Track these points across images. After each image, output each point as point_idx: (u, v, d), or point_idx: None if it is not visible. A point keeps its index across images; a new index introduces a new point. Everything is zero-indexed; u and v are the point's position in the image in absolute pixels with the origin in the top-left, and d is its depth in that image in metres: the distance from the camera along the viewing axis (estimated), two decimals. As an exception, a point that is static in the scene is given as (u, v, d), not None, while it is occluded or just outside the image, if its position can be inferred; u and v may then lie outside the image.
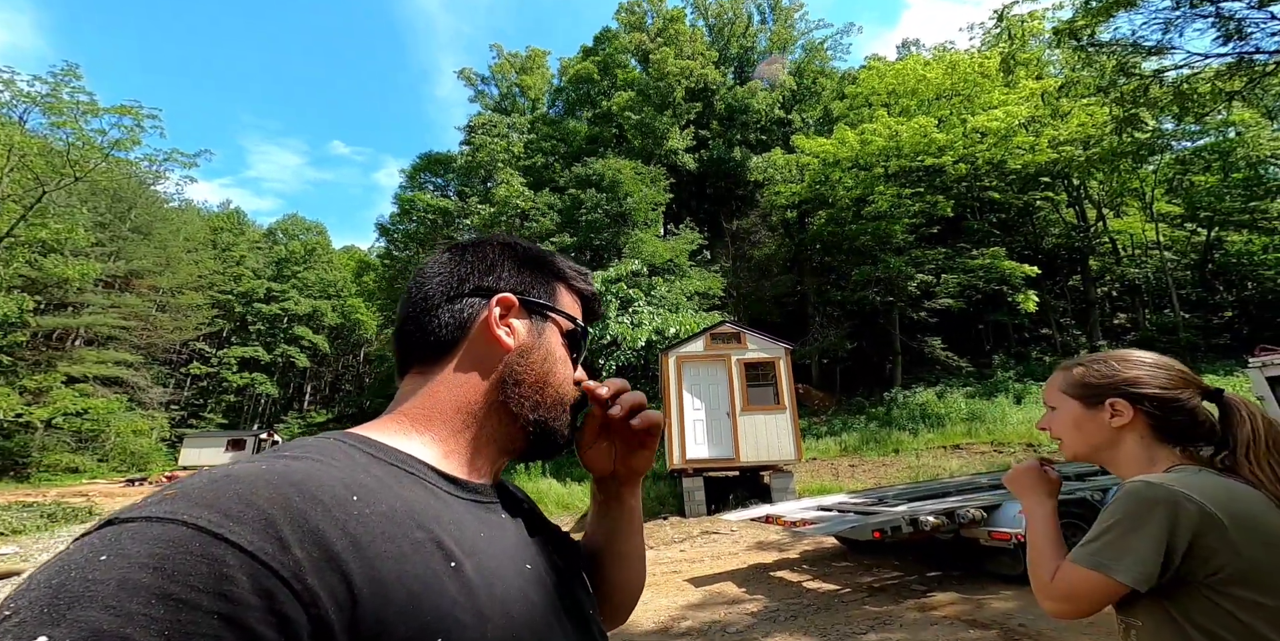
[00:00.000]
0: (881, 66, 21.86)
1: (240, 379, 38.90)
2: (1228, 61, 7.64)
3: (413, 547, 0.36)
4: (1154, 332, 17.03)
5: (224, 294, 40.25)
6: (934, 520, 3.61)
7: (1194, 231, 19.77)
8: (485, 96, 31.64)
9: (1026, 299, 15.27)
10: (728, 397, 8.74)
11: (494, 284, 0.52)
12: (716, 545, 6.00)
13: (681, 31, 24.39)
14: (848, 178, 17.58)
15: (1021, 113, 15.25)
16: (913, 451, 10.62)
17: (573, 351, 0.55)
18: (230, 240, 43.17)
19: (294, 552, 0.31)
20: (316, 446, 0.41)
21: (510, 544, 0.46)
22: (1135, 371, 0.89)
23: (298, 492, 0.34)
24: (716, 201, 24.80)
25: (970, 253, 16.89)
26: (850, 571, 4.47)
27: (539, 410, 0.51)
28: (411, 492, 0.41)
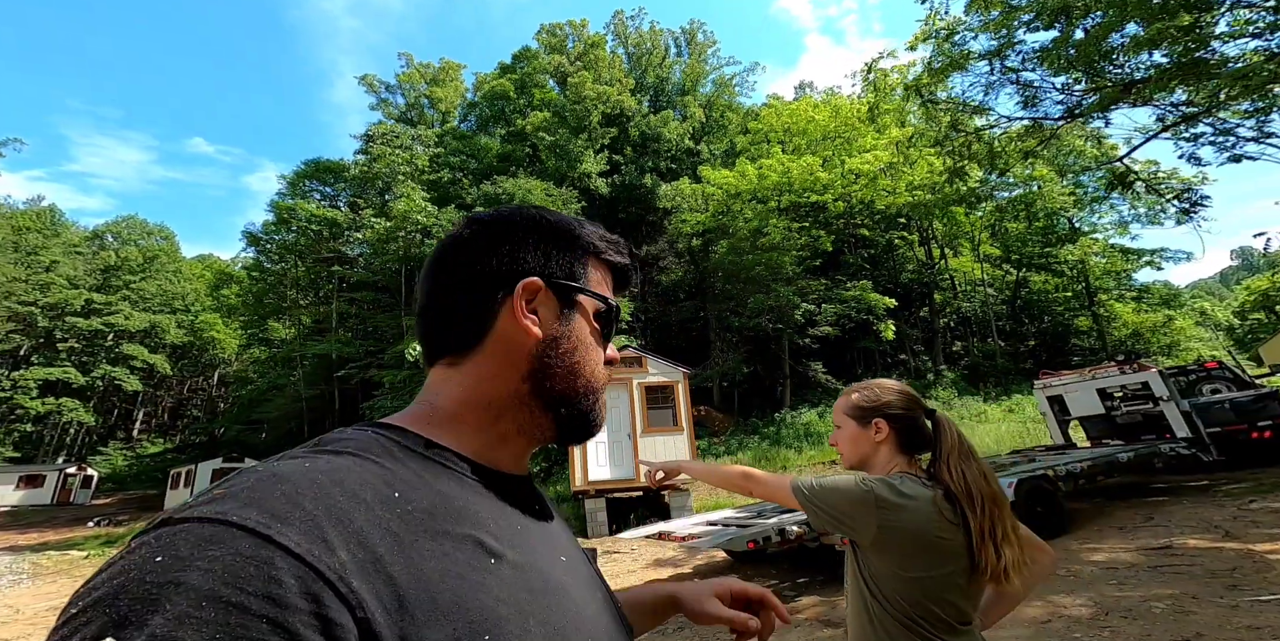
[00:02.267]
0: (779, 105, 23.90)
1: (41, 406, 31.63)
2: (1025, 124, 9.49)
3: (455, 545, 0.36)
4: (980, 358, 20.12)
5: (25, 305, 32.77)
6: (798, 529, 4.08)
7: (1008, 271, 23.70)
8: (389, 105, 30.00)
9: (887, 328, 17.53)
10: (629, 420, 8.99)
11: (519, 267, 0.49)
12: (617, 564, 6.10)
13: (601, 57, 24.96)
14: (747, 209, 18.88)
15: (884, 158, 17.34)
16: (797, 467, 11.65)
17: (604, 331, 0.52)
18: (39, 242, 35.45)
19: (339, 554, 0.30)
20: (355, 440, 0.40)
21: (545, 536, 0.45)
22: (889, 396, 1.18)
23: (342, 491, 0.33)
24: (628, 226, 25.35)
25: (845, 284, 18.98)
26: (734, 582, 4.84)
27: (571, 400, 0.48)
28: (449, 487, 0.40)
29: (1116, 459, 5.75)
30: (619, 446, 8.87)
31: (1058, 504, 5.10)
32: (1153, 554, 4.10)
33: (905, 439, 1.16)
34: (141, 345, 35.61)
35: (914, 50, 9.40)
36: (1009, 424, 12.62)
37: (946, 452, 1.09)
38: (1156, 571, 3.68)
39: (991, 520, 1.02)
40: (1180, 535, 4.48)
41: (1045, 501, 5.03)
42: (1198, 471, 6.92)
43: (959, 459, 1.09)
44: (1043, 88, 8.86)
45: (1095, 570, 3.86)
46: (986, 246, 22.98)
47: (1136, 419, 7.41)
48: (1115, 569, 3.84)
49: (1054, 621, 3.01)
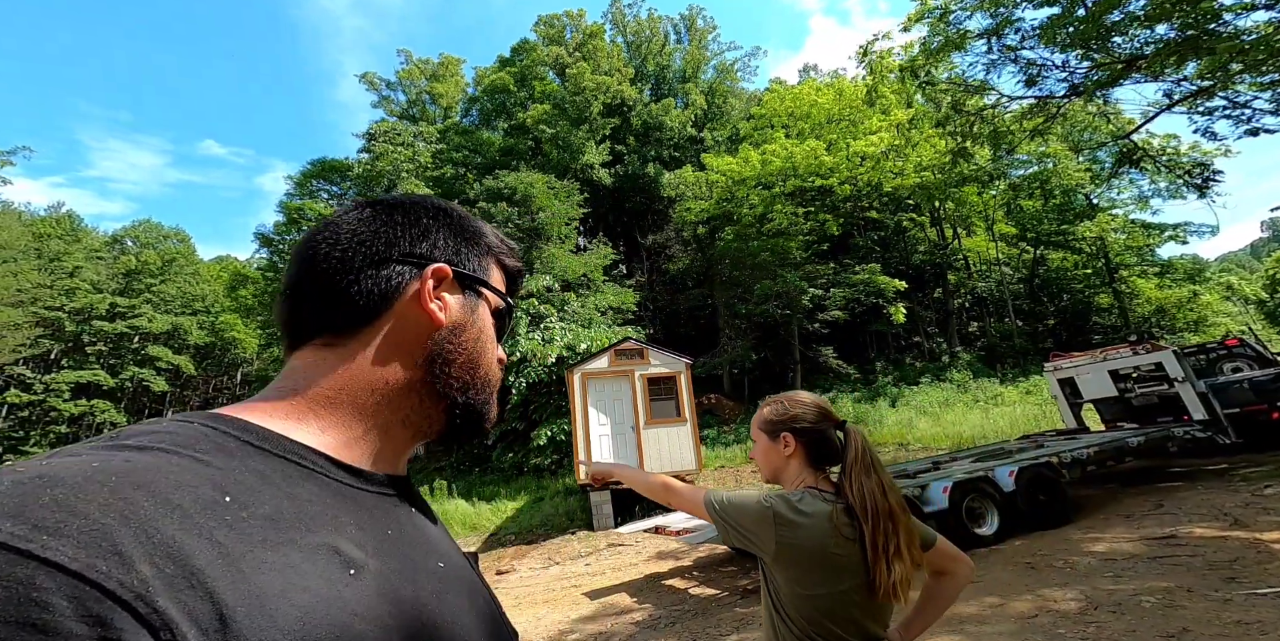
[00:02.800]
0: (782, 90, 23.38)
1: (74, 408, 32.93)
2: (1030, 102, 9.21)
3: (304, 555, 0.32)
4: (997, 339, 19.82)
5: (52, 310, 33.92)
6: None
7: (1024, 250, 23.11)
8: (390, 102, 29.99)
9: (897, 311, 17.26)
10: (632, 412, 9.04)
11: (428, 252, 0.47)
12: (620, 557, 6.20)
13: (600, 47, 24.60)
14: (752, 195, 18.63)
15: (888, 140, 17.03)
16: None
17: (500, 329, 0.53)
18: (61, 248, 36.50)
19: (139, 569, 0.25)
20: (173, 433, 0.34)
21: (418, 542, 0.42)
22: (797, 409, 1.17)
23: (146, 495, 0.28)
24: (633, 216, 25.27)
25: (854, 268, 18.72)
26: (732, 575, 4.88)
27: (469, 392, 0.47)
28: (304, 489, 0.36)
29: (1126, 443, 5.62)
30: (623, 439, 8.94)
31: (1061, 492, 5.00)
32: (1155, 544, 4.01)
33: (813, 452, 1.15)
34: (166, 347, 36.75)
35: (908, 32, 9.06)
36: (1025, 406, 12.38)
37: (850, 466, 1.09)
38: (1155, 562, 3.60)
39: (885, 534, 1.02)
40: (1187, 523, 4.37)
41: (1048, 490, 4.94)
42: (1217, 455, 6.71)
43: (860, 472, 1.08)
44: (1045, 66, 8.51)
45: (1093, 561, 3.80)
46: (1001, 225, 22.39)
47: (1152, 401, 7.21)
48: (1114, 560, 3.77)
49: (1040, 616, 2.98)
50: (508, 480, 13.21)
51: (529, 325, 14.27)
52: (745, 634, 3.37)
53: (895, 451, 10.85)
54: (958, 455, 6.51)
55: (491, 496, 11.58)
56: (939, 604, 1.16)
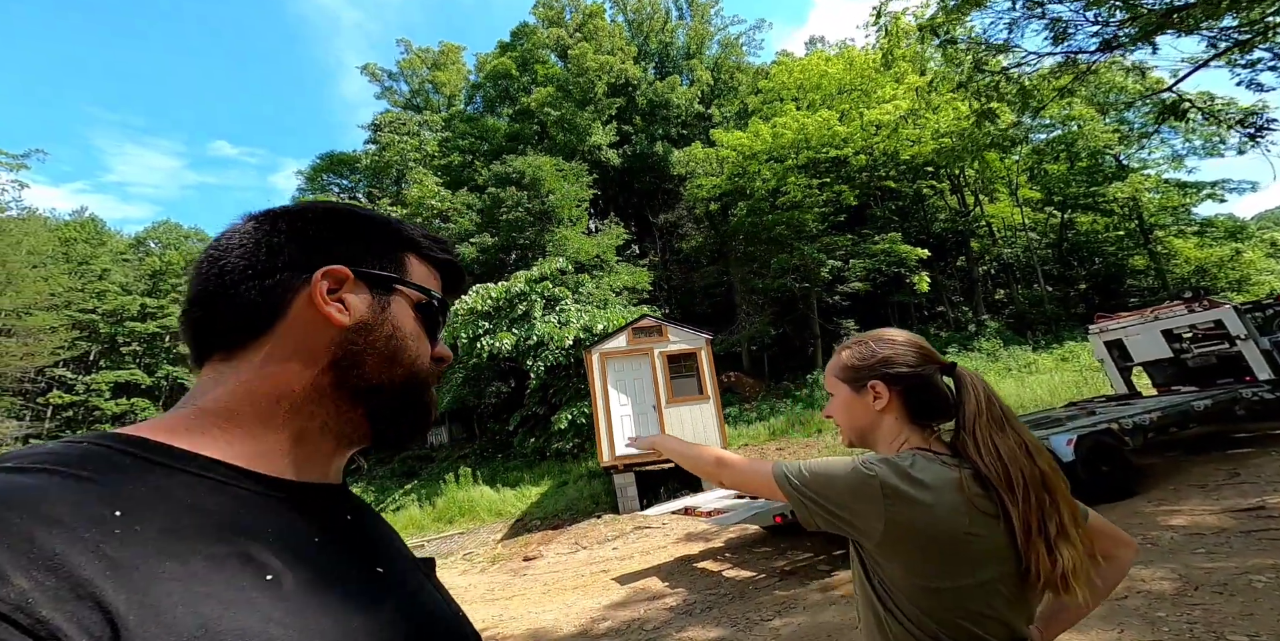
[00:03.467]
0: (790, 62, 22.78)
1: (115, 406, 34.20)
2: (1058, 60, 8.68)
3: (208, 564, 0.31)
4: (1025, 306, 19.30)
5: (85, 313, 35.07)
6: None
7: (1051, 214, 22.42)
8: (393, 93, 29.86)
9: (921, 280, 16.78)
10: (653, 391, 8.83)
11: (318, 255, 0.45)
12: (648, 540, 6.06)
13: (601, 27, 24.12)
14: (764, 169, 18.23)
15: (905, 106, 16.39)
16: (832, 431, 11.29)
17: (429, 326, 0.51)
18: (87, 252, 37.57)
19: (15, 582, 0.25)
20: (57, 453, 0.32)
21: (353, 549, 0.41)
22: (888, 350, 0.91)
23: (20, 514, 0.28)
24: (643, 196, 24.94)
25: (874, 238, 18.20)
26: (767, 556, 4.68)
27: (387, 392, 0.45)
28: (210, 501, 0.35)
29: (1191, 408, 5.20)
30: (644, 418, 8.75)
31: (1124, 461, 4.64)
32: (1243, 516, 3.66)
33: (915, 404, 0.89)
34: (195, 345, 37.80)
35: None
36: (1063, 373, 11.86)
37: (971, 420, 0.83)
38: (1251, 537, 3.26)
39: (1041, 511, 0.76)
40: (1273, 493, 4.00)
41: (1110, 459, 4.59)
42: (1287, 418, 6.24)
43: (989, 427, 0.82)
44: (1073, 21, 7.89)
45: (1176, 537, 3.48)
46: (1026, 190, 21.64)
47: (1210, 361, 6.69)
48: (1201, 535, 3.44)
49: (1131, 597, 2.69)
50: (530, 465, 13.23)
51: (544, 308, 14.09)
52: (789, 618, 3.15)
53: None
54: None
55: (515, 482, 11.60)
56: (1094, 596, 0.87)
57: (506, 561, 6.58)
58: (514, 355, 13.27)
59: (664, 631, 3.31)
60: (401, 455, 16.33)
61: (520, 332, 13.22)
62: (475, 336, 13.18)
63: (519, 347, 13.09)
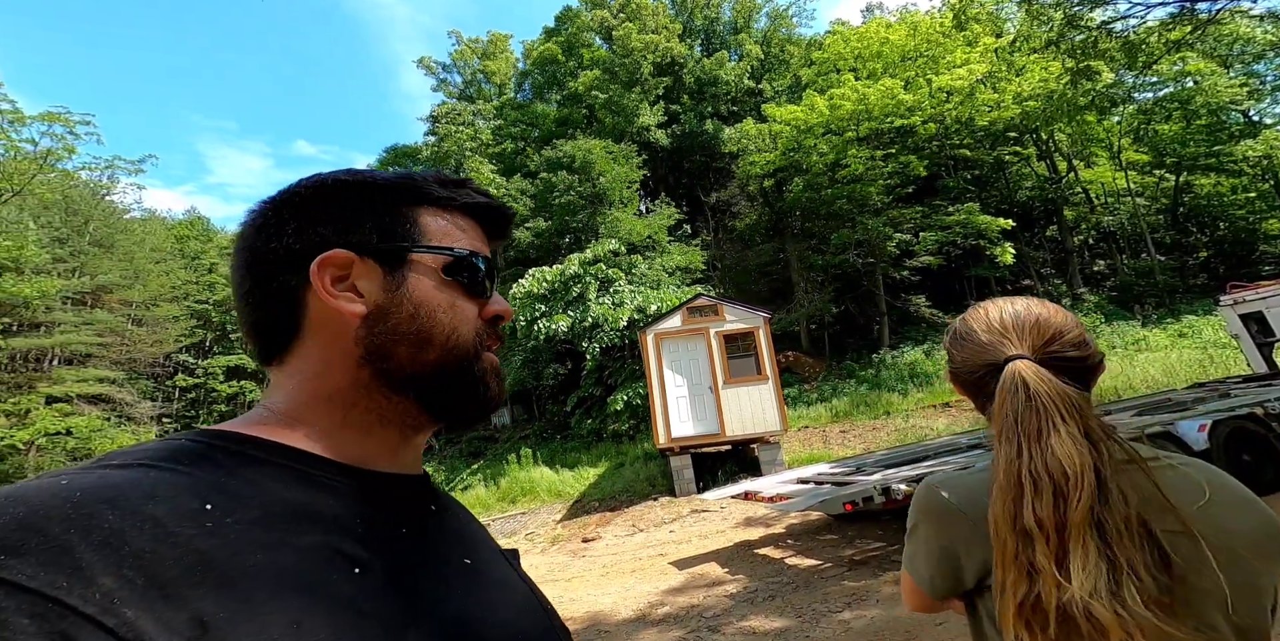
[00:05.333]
0: (846, 31, 21.50)
1: (229, 388, 38.53)
2: (1170, 11, 7.55)
3: (298, 557, 0.31)
4: (1132, 277, 17.35)
5: (200, 303, 39.57)
6: (905, 488, 3.52)
7: (1162, 177, 20.08)
8: (448, 84, 30.89)
9: (1004, 252, 15.38)
10: (709, 372, 8.66)
11: (312, 243, 0.41)
12: (706, 524, 5.98)
13: (644, 6, 23.69)
14: (821, 143, 17.42)
15: (981, 70, 15.29)
16: (902, 413, 10.67)
17: (469, 286, 0.44)
18: (198, 248, 42.20)
19: (102, 582, 0.25)
20: (156, 449, 0.34)
21: (436, 540, 0.41)
22: (951, 339, 0.81)
23: (111, 508, 0.28)
24: (694, 175, 24.50)
25: (947, 210, 16.87)
26: (834, 544, 4.45)
27: (429, 377, 0.42)
28: (298, 492, 0.35)
29: (1354, 390, 4.34)
30: (700, 400, 8.61)
31: (1273, 450, 3.96)
32: None
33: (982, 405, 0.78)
34: (288, 332, 41.83)
35: None
36: (1181, 351, 10.47)
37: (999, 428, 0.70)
38: None
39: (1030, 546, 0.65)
40: None
41: (1254, 448, 3.94)
42: None
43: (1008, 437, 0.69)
44: None
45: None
46: (1130, 153, 19.27)
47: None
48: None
49: None
50: (588, 446, 13.52)
51: (598, 290, 14.19)
52: (861, 610, 2.96)
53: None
54: (1109, 408, 5.46)
55: (574, 463, 11.89)
56: None
57: (566, 542, 6.76)
58: (570, 337, 13.50)
59: (724, 619, 3.22)
60: (469, 436, 17.23)
61: (576, 314, 13.40)
62: (532, 319, 13.51)
63: (574, 329, 13.29)
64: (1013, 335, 0.72)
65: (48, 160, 15.70)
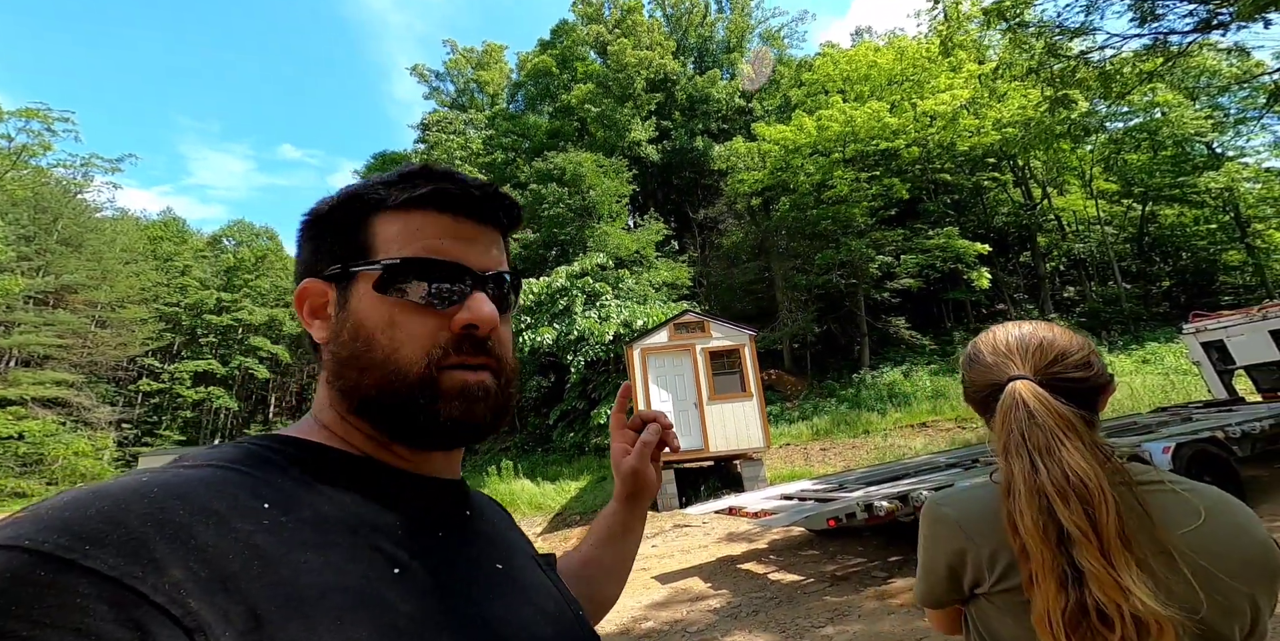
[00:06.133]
0: (835, 54, 22.17)
1: (195, 394, 37.11)
2: (1145, 43, 7.97)
3: (345, 556, 0.33)
4: (1100, 303, 17.94)
5: (170, 306, 38.21)
6: (888, 505, 3.59)
7: (1130, 206, 20.89)
8: (440, 93, 30.94)
9: (980, 276, 15.84)
10: (694, 387, 8.69)
11: (300, 275, 0.44)
12: (688, 538, 5.95)
13: (639, 22, 24.20)
14: (808, 164, 17.79)
15: (964, 95, 15.84)
16: (881, 431, 10.82)
17: (416, 295, 0.41)
18: (172, 250, 40.93)
19: (171, 573, 0.27)
20: (223, 452, 0.36)
21: (473, 544, 0.42)
22: (963, 370, 0.83)
23: (183, 504, 0.30)
24: (682, 191, 24.81)
25: (927, 233, 17.34)
26: (816, 560, 4.47)
27: (372, 400, 0.40)
28: (344, 494, 0.37)
29: (1307, 416, 4.58)
30: (685, 415, 8.63)
31: (1231, 472, 4.14)
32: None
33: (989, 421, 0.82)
34: (264, 337, 40.54)
35: None
36: (1145, 377, 10.90)
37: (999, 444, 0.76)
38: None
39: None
40: None
41: (1214, 470, 4.11)
42: None
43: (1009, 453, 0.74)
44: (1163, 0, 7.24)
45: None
46: (1101, 181, 20.09)
47: (1328, 366, 5.92)
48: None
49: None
50: (570, 460, 13.36)
51: (584, 304, 14.20)
52: (843, 625, 2.98)
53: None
54: None
55: (555, 476, 11.73)
56: None
57: (546, 553, 6.62)
58: (554, 350, 13.43)
59: (709, 634, 3.21)
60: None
61: (561, 327, 13.37)
62: (517, 331, 13.44)
63: (559, 342, 13.24)
64: (1016, 357, 0.76)
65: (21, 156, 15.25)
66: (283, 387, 45.30)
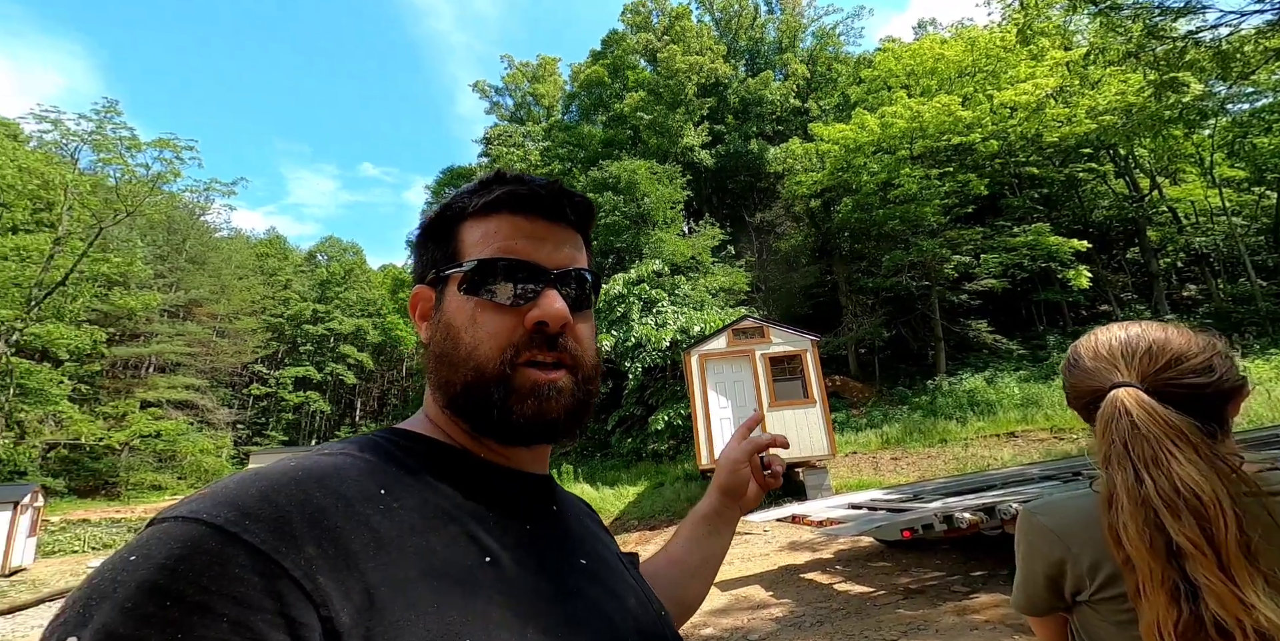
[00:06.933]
0: (897, 48, 21.21)
1: (296, 397, 41.02)
2: (1268, 18, 7.01)
3: (444, 543, 0.35)
4: (1229, 303, 15.74)
5: (275, 317, 42.65)
6: (971, 517, 3.29)
7: (1262, 195, 18.25)
8: (500, 107, 32.40)
9: (1078, 275, 14.39)
10: (754, 394, 8.50)
11: (414, 284, 0.49)
12: (748, 546, 5.79)
13: (688, 28, 24.32)
14: (871, 162, 17.10)
15: (1049, 84, 14.62)
16: (961, 441, 10.02)
17: (493, 294, 0.42)
18: (276, 265, 45.75)
19: (307, 551, 0.30)
20: (355, 442, 0.40)
21: (558, 539, 0.43)
22: (1064, 375, 0.78)
23: (320, 488, 0.33)
24: (738, 196, 24.53)
25: (1011, 230, 16.03)
26: (886, 572, 4.19)
27: (458, 396, 0.42)
28: (446, 484, 0.39)
29: None
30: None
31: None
32: None
33: None
34: (351, 345, 44.31)
35: None
36: (1292, 383, 9.35)
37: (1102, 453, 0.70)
38: None
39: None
40: None
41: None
42: None
43: (1114, 463, 0.69)
44: None
45: None
46: (1224, 168, 17.65)
47: None
48: None
49: None
50: (628, 465, 13.44)
51: (641, 310, 14.32)
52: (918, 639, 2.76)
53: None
54: None
55: (613, 481, 11.84)
56: None
57: (605, 556, 6.68)
58: (612, 356, 13.63)
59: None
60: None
61: (619, 334, 13.55)
62: (577, 337, 13.79)
63: (617, 349, 13.42)
64: (1121, 361, 0.70)
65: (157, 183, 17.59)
66: (367, 392, 49.13)
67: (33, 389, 19.48)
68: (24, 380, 18.72)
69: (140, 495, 25.37)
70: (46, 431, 23.49)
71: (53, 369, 20.86)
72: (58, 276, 16.54)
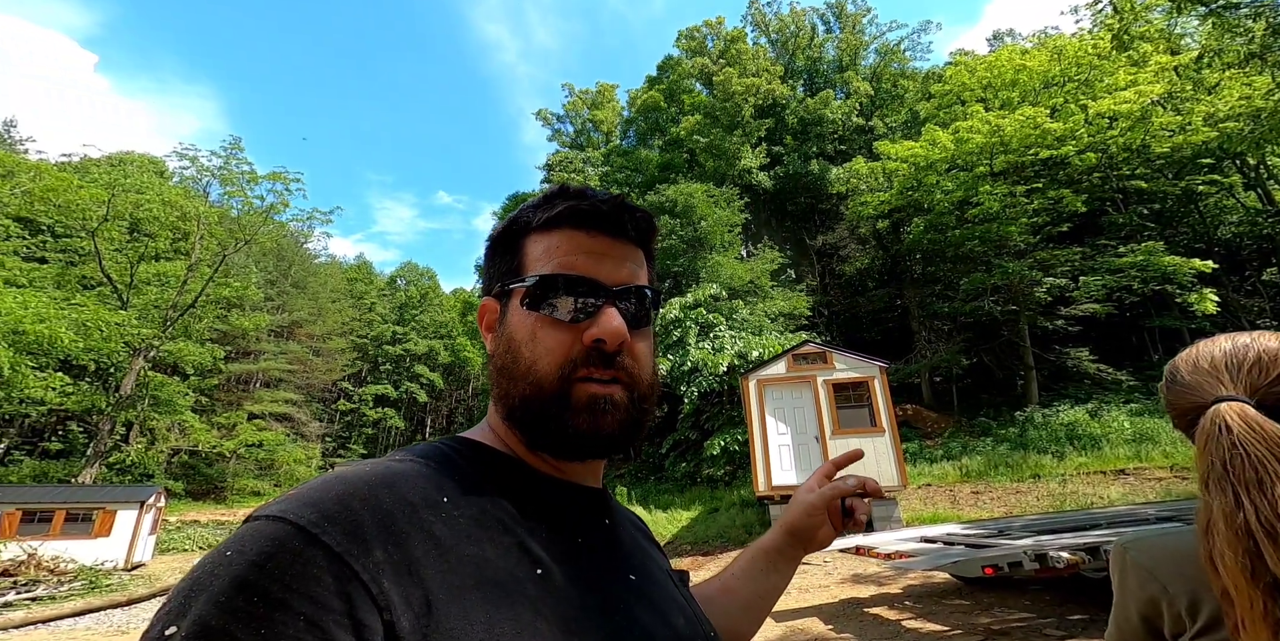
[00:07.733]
0: (970, 61, 20.35)
1: (375, 413, 44.02)
2: None
3: (498, 552, 0.35)
4: None
5: (361, 338, 46.46)
6: (1069, 556, 2.88)
7: None
8: (561, 134, 33.73)
9: (1202, 299, 12.57)
10: (815, 420, 8.09)
11: (484, 296, 0.50)
12: (806, 577, 5.40)
13: (744, 50, 24.49)
14: (945, 180, 16.26)
15: (1155, 91, 13.43)
16: (1057, 477, 8.89)
17: (554, 310, 0.43)
18: (363, 289, 50.18)
19: (375, 555, 0.30)
20: (423, 449, 0.42)
21: (609, 553, 0.43)
22: (1163, 392, 0.71)
23: (390, 493, 0.34)
24: (798, 218, 24.03)
25: (1116, 250, 14.44)
26: (964, 610, 3.74)
27: (517, 409, 0.43)
28: (504, 495, 0.40)
29: None
30: (805, 449, 8.04)
31: None
32: None
33: None
34: (425, 365, 47.17)
35: None
36: None
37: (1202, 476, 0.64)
38: None
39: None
40: None
41: None
42: None
43: (1214, 487, 0.62)
44: None
45: None
46: None
47: None
48: None
49: None
50: (681, 489, 13.10)
51: (698, 335, 14.21)
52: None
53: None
54: None
55: (666, 505, 11.57)
56: None
57: (656, 579, 6.47)
58: (668, 380, 13.56)
59: (827, 675, 2.83)
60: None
61: (675, 358, 13.48)
62: (633, 358, 13.87)
63: (673, 373, 13.34)
64: (1225, 375, 0.65)
65: (270, 214, 20.02)
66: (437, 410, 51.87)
67: (164, 400, 22.28)
68: (157, 392, 21.48)
69: (242, 500, 27.94)
70: (172, 438, 26.65)
71: (180, 382, 23.84)
72: (189, 299, 19.08)
